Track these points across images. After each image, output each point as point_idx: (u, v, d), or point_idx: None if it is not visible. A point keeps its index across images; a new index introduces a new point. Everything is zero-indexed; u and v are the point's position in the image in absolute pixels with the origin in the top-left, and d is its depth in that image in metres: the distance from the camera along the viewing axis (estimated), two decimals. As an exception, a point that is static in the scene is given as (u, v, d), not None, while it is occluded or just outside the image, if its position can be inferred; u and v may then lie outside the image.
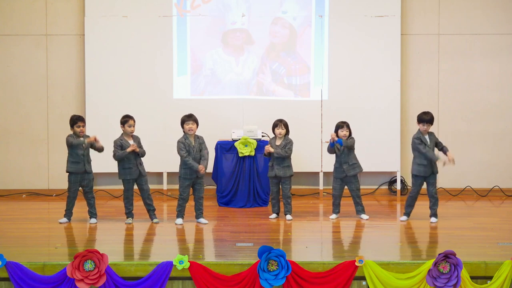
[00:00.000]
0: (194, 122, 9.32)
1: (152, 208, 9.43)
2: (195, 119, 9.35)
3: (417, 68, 11.82)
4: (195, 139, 9.34)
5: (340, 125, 9.62)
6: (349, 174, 9.57)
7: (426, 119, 9.37)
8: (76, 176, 9.31)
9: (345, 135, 9.56)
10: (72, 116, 9.47)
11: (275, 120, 9.74)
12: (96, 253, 6.97)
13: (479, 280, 7.12)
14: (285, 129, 9.66)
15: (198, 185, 9.36)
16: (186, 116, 9.35)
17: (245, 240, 8.30)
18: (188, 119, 9.32)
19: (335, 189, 9.66)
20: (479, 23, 11.76)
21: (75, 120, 9.37)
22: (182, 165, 9.31)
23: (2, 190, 11.73)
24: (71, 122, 9.38)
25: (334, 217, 9.65)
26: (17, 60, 11.72)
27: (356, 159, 9.61)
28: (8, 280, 7.00)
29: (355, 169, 9.59)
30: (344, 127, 9.58)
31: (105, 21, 11.52)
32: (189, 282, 7.07)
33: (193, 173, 9.27)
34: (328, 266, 7.09)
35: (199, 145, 9.33)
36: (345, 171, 9.55)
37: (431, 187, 9.40)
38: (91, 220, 9.37)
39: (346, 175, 9.56)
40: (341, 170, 9.57)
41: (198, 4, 11.60)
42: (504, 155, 11.86)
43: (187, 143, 9.27)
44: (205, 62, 11.66)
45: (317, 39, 11.64)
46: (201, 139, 9.39)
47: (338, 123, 9.65)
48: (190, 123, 9.29)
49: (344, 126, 9.58)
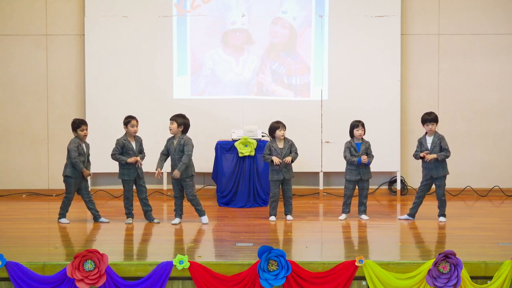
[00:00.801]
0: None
1: (149, 209, 9.41)
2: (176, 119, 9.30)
3: (417, 68, 11.82)
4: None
5: (355, 124, 9.57)
6: (364, 178, 9.57)
7: (428, 118, 9.37)
8: (76, 180, 9.30)
9: (360, 135, 9.54)
10: (75, 120, 9.39)
11: (273, 123, 9.61)
12: (96, 253, 6.97)
13: (479, 280, 7.12)
14: (285, 129, 9.63)
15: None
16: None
17: (245, 240, 8.30)
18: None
19: (349, 189, 9.60)
20: (479, 23, 11.76)
21: (79, 123, 9.31)
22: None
23: (2, 190, 11.73)
24: (74, 126, 9.30)
25: (343, 217, 9.61)
26: (17, 60, 11.73)
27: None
28: (8, 280, 7.00)
29: (369, 173, 9.62)
30: (360, 126, 9.55)
31: (105, 21, 11.53)
32: (189, 282, 7.07)
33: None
34: (328, 266, 7.09)
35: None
36: (361, 174, 9.54)
37: (438, 189, 9.39)
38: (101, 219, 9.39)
39: (361, 178, 9.56)
40: (357, 173, 9.54)
41: (198, 4, 11.60)
42: (504, 155, 11.86)
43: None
44: (205, 62, 11.66)
45: (317, 39, 11.64)
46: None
47: (353, 123, 9.61)
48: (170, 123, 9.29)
49: (360, 125, 9.56)
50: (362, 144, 9.56)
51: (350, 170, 9.58)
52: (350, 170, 9.58)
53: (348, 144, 9.58)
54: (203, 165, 11.14)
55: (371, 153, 9.57)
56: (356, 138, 9.58)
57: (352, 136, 9.60)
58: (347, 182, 9.62)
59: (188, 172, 9.23)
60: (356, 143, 9.56)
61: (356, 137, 9.57)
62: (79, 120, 9.42)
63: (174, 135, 9.28)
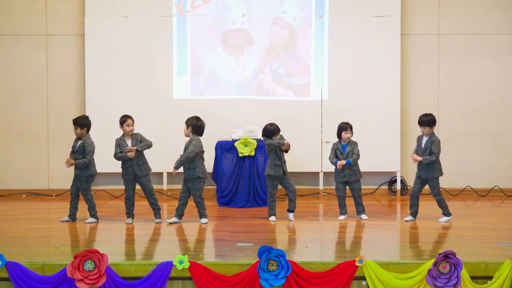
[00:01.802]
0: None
1: (156, 207, 9.41)
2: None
3: (417, 68, 11.82)
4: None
5: (344, 126, 9.56)
6: (350, 179, 9.57)
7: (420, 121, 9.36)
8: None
9: (348, 138, 9.54)
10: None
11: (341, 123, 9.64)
12: (96, 253, 6.97)
13: (479, 280, 7.12)
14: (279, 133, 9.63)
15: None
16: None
17: (245, 240, 8.30)
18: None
19: (339, 190, 9.63)
20: (479, 23, 11.76)
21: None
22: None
23: (2, 190, 11.73)
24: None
25: (342, 218, 9.61)
26: (17, 60, 11.72)
27: (358, 165, 9.59)
28: (8, 280, 7.00)
29: (356, 175, 9.59)
30: (348, 130, 9.54)
31: (105, 21, 11.52)
32: (189, 282, 7.07)
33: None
34: (328, 266, 7.09)
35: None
36: (347, 176, 9.54)
37: (431, 191, 9.40)
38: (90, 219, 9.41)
39: (347, 180, 9.56)
40: (343, 175, 9.56)
41: (198, 4, 11.60)
42: (504, 155, 11.86)
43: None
44: (205, 62, 11.66)
45: (317, 39, 11.64)
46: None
47: (342, 125, 9.60)
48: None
49: (348, 129, 9.55)
50: (348, 146, 9.55)
51: (337, 172, 9.63)
52: (337, 172, 9.63)
53: (334, 146, 9.62)
54: (203, 165, 11.14)
55: (356, 153, 9.52)
56: (343, 140, 9.58)
57: (340, 137, 9.60)
58: (336, 184, 9.68)
59: (195, 173, 9.25)
60: (342, 145, 9.57)
61: (344, 139, 9.57)
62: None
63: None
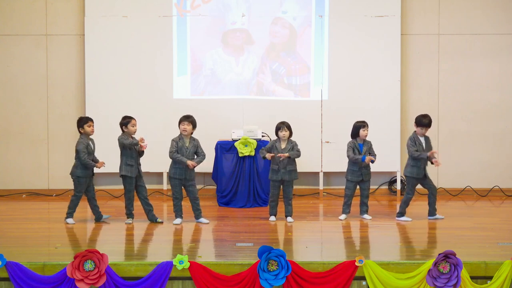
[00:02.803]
0: (190, 124, 9.26)
1: (151, 208, 9.41)
2: (193, 120, 9.29)
3: (417, 68, 11.82)
4: (190, 141, 9.32)
5: (361, 124, 9.53)
6: (366, 178, 9.58)
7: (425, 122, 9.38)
8: (85, 179, 9.33)
9: (366, 135, 9.54)
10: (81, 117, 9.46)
11: (278, 123, 9.60)
12: (96, 253, 6.97)
13: (479, 280, 7.12)
14: (288, 131, 9.52)
15: (191, 187, 9.32)
16: (184, 117, 9.32)
17: (245, 240, 8.30)
18: (184, 119, 9.29)
19: (350, 189, 9.59)
20: (479, 23, 11.76)
21: (86, 120, 9.36)
22: (172, 164, 9.30)
23: (2, 190, 11.73)
24: (81, 123, 9.30)
25: (343, 217, 9.60)
26: (17, 60, 11.73)
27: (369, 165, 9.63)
28: (8, 280, 7.00)
29: (370, 174, 9.64)
30: (366, 127, 9.54)
31: (105, 21, 11.53)
32: (189, 282, 7.07)
33: (182, 173, 9.25)
34: (328, 266, 7.09)
35: (193, 147, 9.30)
36: (363, 175, 9.54)
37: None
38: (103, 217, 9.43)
39: (363, 179, 9.56)
40: (359, 173, 9.54)
41: (198, 4, 11.60)
42: (504, 155, 11.86)
43: (180, 143, 9.26)
44: (205, 62, 11.66)
45: (317, 39, 11.64)
46: (196, 141, 9.35)
47: (358, 123, 9.56)
48: (186, 124, 9.26)
49: (366, 126, 9.54)
50: (364, 145, 9.56)
51: (352, 171, 9.57)
52: (352, 171, 9.57)
53: (351, 144, 9.55)
54: (203, 165, 11.02)
55: (373, 153, 9.57)
56: (360, 138, 9.56)
57: (355, 136, 9.58)
58: (349, 182, 9.61)
59: (170, 173, 9.31)
60: (359, 144, 9.56)
61: (362, 137, 9.54)
62: (85, 117, 9.46)
63: (182, 136, 9.30)
